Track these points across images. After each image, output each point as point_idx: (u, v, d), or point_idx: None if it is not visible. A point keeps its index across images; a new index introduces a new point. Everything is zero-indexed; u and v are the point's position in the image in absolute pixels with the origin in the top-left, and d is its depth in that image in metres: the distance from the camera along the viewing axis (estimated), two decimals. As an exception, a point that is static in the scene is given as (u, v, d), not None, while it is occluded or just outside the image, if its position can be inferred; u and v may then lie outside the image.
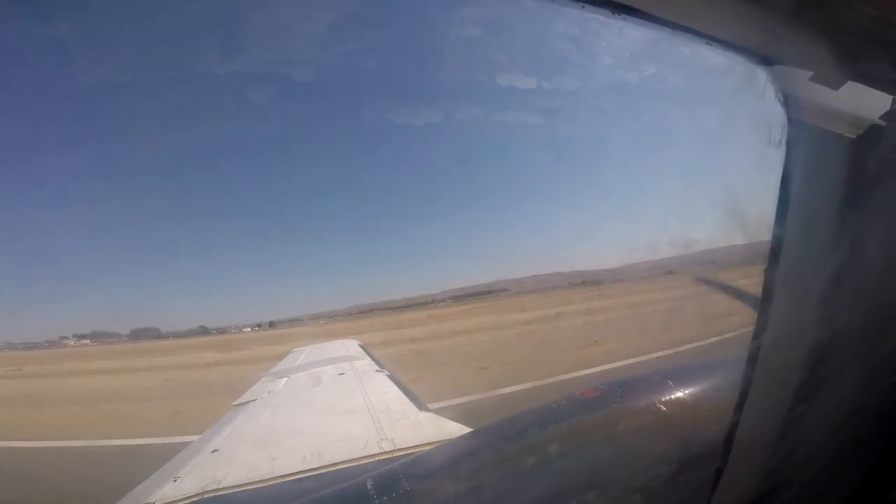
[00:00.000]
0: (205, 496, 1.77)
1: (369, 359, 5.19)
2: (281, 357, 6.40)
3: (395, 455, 2.07)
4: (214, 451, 2.40)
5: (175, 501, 1.76)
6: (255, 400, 3.66)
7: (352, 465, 1.99)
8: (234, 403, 3.63)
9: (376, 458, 2.05)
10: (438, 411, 3.15)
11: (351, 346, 6.41)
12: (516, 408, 1.92)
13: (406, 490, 1.56)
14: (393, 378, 3.97)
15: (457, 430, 2.38)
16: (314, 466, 2.02)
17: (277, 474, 1.95)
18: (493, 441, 1.86)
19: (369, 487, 1.61)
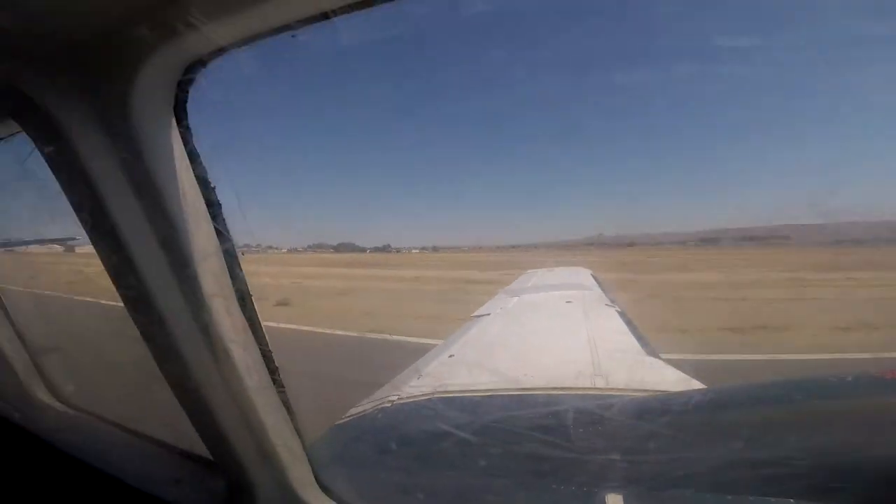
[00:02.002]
0: (433, 396, 2.07)
1: (600, 290, 4.97)
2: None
3: (604, 393, 1.95)
4: (451, 355, 2.79)
5: (412, 397, 2.09)
6: (489, 314, 4.08)
7: (559, 392, 1.98)
8: (474, 315, 4.14)
9: (584, 392, 1.98)
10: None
11: (583, 274, 6.28)
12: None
13: (603, 432, 1.46)
14: (623, 315, 3.70)
15: (688, 383, 2.05)
16: (526, 386, 2.10)
17: (492, 387, 2.12)
18: (739, 402, 1.52)
19: (568, 419, 1.58)
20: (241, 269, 1.04)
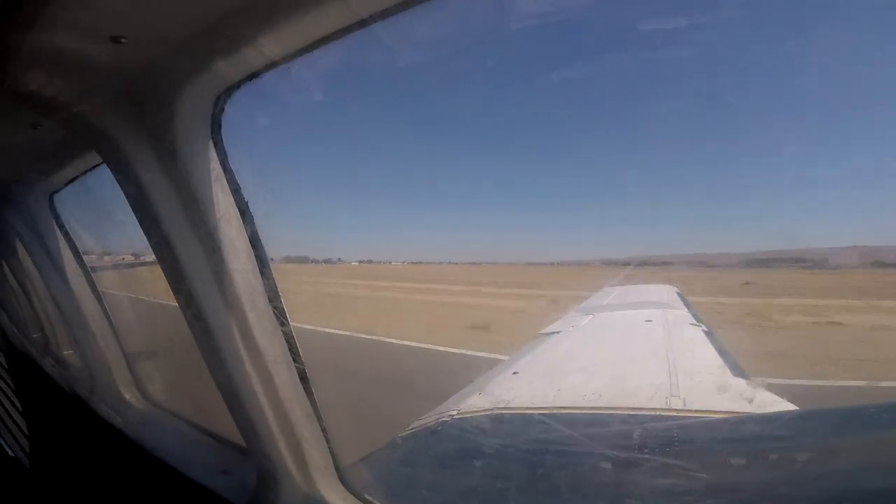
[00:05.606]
0: (493, 412, 2.05)
1: (686, 310, 4.60)
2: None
3: (679, 414, 1.83)
4: (515, 372, 2.76)
5: (473, 412, 2.08)
6: (559, 332, 3.97)
7: (628, 412, 1.89)
8: (541, 332, 4.06)
9: (656, 413, 1.87)
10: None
11: (667, 292, 5.84)
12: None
13: (668, 452, 1.37)
14: (710, 335, 3.40)
15: (779, 406, 1.85)
16: (592, 405, 2.03)
17: (557, 405, 2.08)
18: (825, 426, 1.37)
19: (633, 439, 1.51)
20: (272, 277, 1.08)
